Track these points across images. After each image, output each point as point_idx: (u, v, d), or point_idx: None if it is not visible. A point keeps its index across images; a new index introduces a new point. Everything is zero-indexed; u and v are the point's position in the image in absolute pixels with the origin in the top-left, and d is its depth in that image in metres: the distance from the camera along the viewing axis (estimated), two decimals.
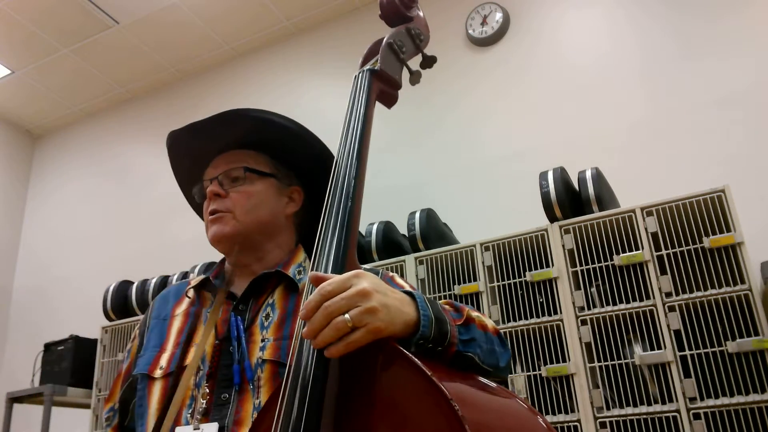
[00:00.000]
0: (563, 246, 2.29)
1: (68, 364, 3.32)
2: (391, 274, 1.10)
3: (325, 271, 0.79)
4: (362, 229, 2.89)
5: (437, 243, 2.66)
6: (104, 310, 3.35)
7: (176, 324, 1.08)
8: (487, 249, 2.45)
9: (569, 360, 2.15)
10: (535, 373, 2.23)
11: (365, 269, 0.94)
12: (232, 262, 1.13)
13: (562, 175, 2.39)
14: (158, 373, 1.01)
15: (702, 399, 1.94)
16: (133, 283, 3.40)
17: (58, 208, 5.04)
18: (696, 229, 2.12)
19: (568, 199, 2.35)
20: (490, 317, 2.32)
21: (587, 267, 2.24)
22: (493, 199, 3.23)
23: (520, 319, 2.32)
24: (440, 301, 0.88)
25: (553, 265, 2.29)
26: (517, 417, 0.72)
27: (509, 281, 2.39)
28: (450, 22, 3.71)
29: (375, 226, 2.78)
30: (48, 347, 3.50)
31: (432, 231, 2.67)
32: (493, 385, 0.76)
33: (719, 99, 2.87)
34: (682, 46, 3.05)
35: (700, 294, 2.03)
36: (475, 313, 0.89)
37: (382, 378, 0.70)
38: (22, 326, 4.79)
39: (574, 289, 2.22)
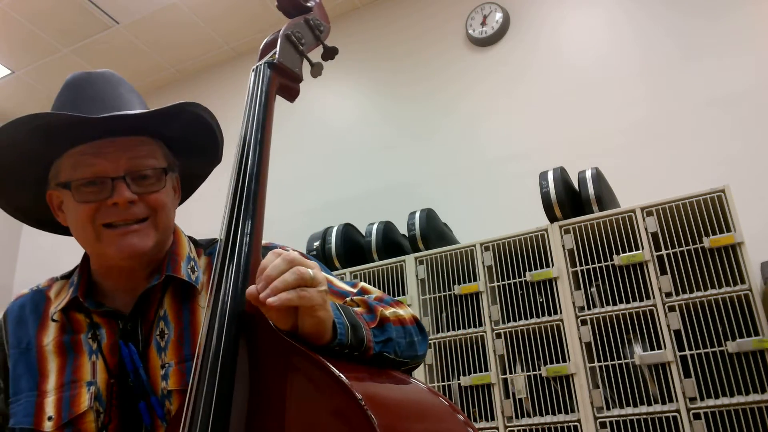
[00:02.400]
0: (563, 246, 2.29)
1: None
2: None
3: (239, 262, 0.76)
4: (362, 229, 2.89)
5: (437, 243, 2.66)
6: None
7: (51, 359, 0.89)
8: (487, 249, 2.45)
9: (569, 360, 2.15)
10: (535, 373, 2.23)
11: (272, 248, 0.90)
12: (117, 274, 0.92)
13: (562, 175, 2.39)
14: (48, 425, 0.84)
15: (702, 399, 1.94)
16: None
17: None
18: (696, 229, 2.12)
19: (568, 199, 2.35)
20: (490, 317, 2.34)
21: (587, 267, 2.24)
22: (493, 199, 3.23)
23: (520, 319, 2.32)
24: (354, 298, 0.86)
25: (553, 265, 2.29)
26: (433, 416, 0.72)
27: (509, 281, 2.39)
28: (450, 21, 3.71)
29: (375, 226, 2.78)
30: None
31: (432, 231, 2.67)
32: (411, 382, 0.76)
33: (719, 99, 2.87)
34: (682, 46, 3.05)
35: (700, 294, 2.03)
36: (390, 310, 0.83)
37: (292, 381, 0.70)
38: None
39: (574, 289, 2.22)
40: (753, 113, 2.79)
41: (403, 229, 2.81)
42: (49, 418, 0.84)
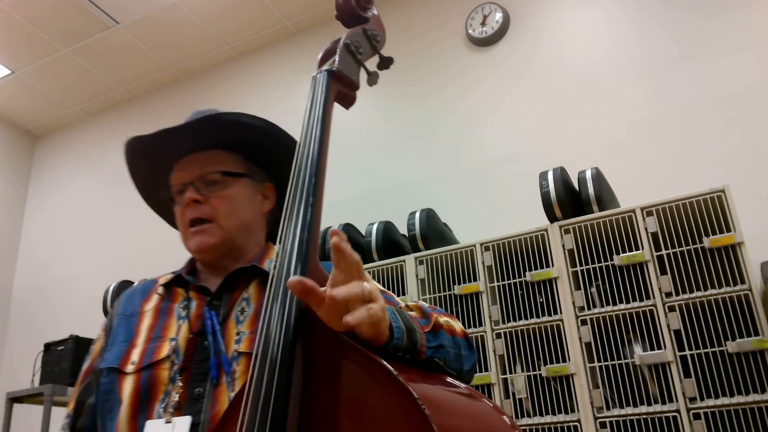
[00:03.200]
0: (563, 246, 2.29)
1: (68, 364, 3.32)
2: None
3: (288, 267, 0.78)
4: (362, 229, 2.89)
5: (437, 243, 2.66)
6: (104, 310, 3.36)
7: (146, 320, 1.06)
8: (487, 249, 2.45)
9: (569, 360, 2.15)
10: (535, 373, 2.23)
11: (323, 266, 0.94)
12: (210, 265, 1.10)
13: (562, 175, 2.39)
14: (130, 368, 0.99)
15: (702, 399, 1.94)
16: (133, 283, 3.40)
17: (58, 208, 5.04)
18: (696, 229, 2.12)
19: (568, 199, 2.35)
20: (490, 317, 2.34)
21: (587, 267, 2.24)
22: (493, 199, 3.23)
23: (520, 319, 2.32)
24: (409, 303, 0.89)
25: (553, 265, 2.29)
26: (483, 417, 0.73)
27: (509, 281, 2.39)
28: (450, 21, 3.71)
29: (375, 226, 2.78)
30: (48, 347, 3.50)
31: (432, 231, 2.67)
32: (460, 385, 0.77)
33: (719, 99, 2.87)
34: (682, 45, 3.05)
35: (700, 294, 2.03)
36: (443, 318, 0.88)
37: (348, 378, 0.70)
38: (22, 326, 4.79)
39: (574, 289, 2.22)
40: (753, 113, 2.79)
41: (403, 229, 2.81)
42: (132, 363, 1.00)
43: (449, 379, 0.78)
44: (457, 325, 0.91)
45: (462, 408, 0.74)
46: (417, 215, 2.69)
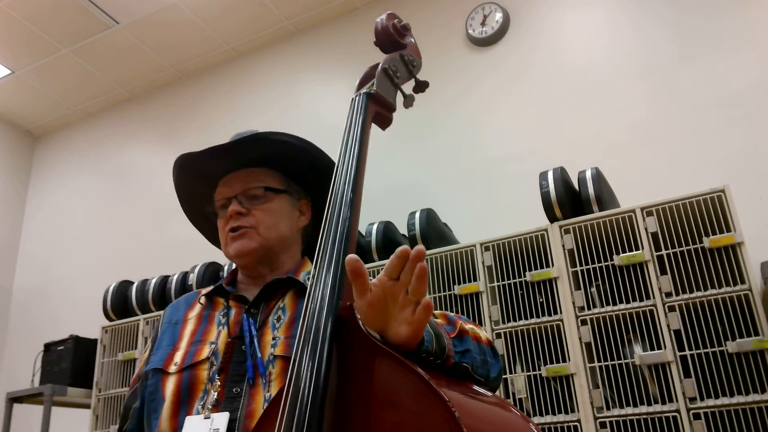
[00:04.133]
0: (563, 246, 2.29)
1: (68, 364, 3.32)
2: None
3: (325, 284, 0.82)
4: (362, 228, 2.89)
5: (437, 243, 2.65)
6: (104, 310, 3.35)
7: (189, 326, 1.14)
8: (487, 249, 2.45)
9: (569, 360, 2.15)
10: (535, 373, 2.23)
11: None
12: (248, 273, 1.18)
13: (562, 175, 2.39)
14: (173, 368, 1.06)
15: (702, 399, 1.94)
16: (133, 283, 3.40)
17: (58, 208, 5.04)
18: (696, 229, 2.12)
19: (568, 199, 2.34)
20: (490, 317, 2.34)
21: (587, 267, 2.24)
22: (493, 199, 3.23)
23: (520, 319, 2.32)
24: (435, 312, 0.92)
25: (553, 265, 2.29)
26: (511, 424, 0.75)
27: (509, 281, 2.39)
28: (450, 22, 3.71)
29: (375, 226, 2.78)
30: (48, 347, 3.50)
31: (432, 231, 2.67)
32: (488, 393, 0.80)
33: (719, 99, 2.87)
34: (682, 45, 3.05)
35: (700, 294, 2.03)
36: (468, 326, 0.93)
37: (382, 383, 0.72)
38: (22, 326, 4.79)
39: (574, 289, 2.22)
40: (753, 113, 2.79)
41: (403, 229, 2.81)
42: (175, 364, 1.07)
43: (477, 387, 0.82)
44: (483, 334, 0.97)
45: (491, 414, 0.77)
46: (417, 215, 2.69)
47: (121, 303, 3.34)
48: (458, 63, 3.62)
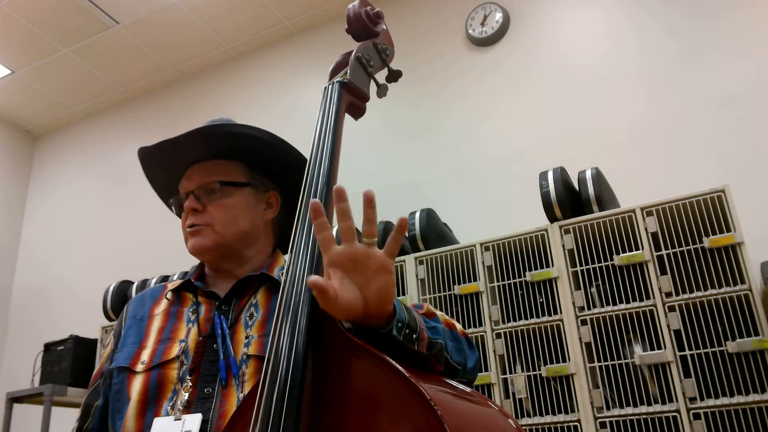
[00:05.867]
0: (563, 246, 2.29)
1: (68, 364, 3.32)
2: None
3: (301, 276, 0.82)
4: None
5: (437, 243, 2.65)
6: (104, 310, 3.35)
7: (156, 323, 1.09)
8: (487, 249, 2.45)
9: (569, 360, 2.15)
10: (535, 373, 2.23)
11: None
12: (213, 268, 1.14)
13: (562, 175, 2.39)
14: (140, 367, 1.02)
15: (702, 399, 1.94)
16: (133, 283, 3.40)
17: (58, 208, 5.04)
18: (696, 229, 2.12)
19: (568, 199, 2.35)
20: (490, 317, 2.34)
21: (587, 267, 2.24)
22: (493, 199, 3.23)
23: (520, 319, 2.32)
24: (400, 298, 0.92)
25: (553, 265, 2.29)
26: (491, 419, 0.75)
27: (509, 281, 2.39)
28: (450, 22, 3.71)
29: None
30: (48, 347, 3.50)
31: (432, 231, 2.67)
32: (467, 389, 0.79)
33: (719, 99, 2.87)
34: (682, 45, 3.05)
35: (700, 294, 2.03)
36: (439, 312, 0.93)
37: (359, 378, 0.72)
38: (22, 326, 4.79)
39: (574, 289, 2.22)
40: (753, 113, 2.79)
41: None
42: (142, 362, 1.03)
43: (457, 383, 0.80)
44: (458, 325, 0.95)
45: (475, 412, 0.76)
46: (417, 215, 2.69)
47: (121, 303, 3.34)
48: (458, 63, 3.62)
